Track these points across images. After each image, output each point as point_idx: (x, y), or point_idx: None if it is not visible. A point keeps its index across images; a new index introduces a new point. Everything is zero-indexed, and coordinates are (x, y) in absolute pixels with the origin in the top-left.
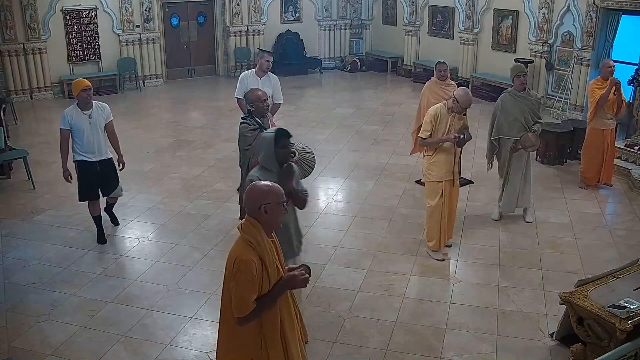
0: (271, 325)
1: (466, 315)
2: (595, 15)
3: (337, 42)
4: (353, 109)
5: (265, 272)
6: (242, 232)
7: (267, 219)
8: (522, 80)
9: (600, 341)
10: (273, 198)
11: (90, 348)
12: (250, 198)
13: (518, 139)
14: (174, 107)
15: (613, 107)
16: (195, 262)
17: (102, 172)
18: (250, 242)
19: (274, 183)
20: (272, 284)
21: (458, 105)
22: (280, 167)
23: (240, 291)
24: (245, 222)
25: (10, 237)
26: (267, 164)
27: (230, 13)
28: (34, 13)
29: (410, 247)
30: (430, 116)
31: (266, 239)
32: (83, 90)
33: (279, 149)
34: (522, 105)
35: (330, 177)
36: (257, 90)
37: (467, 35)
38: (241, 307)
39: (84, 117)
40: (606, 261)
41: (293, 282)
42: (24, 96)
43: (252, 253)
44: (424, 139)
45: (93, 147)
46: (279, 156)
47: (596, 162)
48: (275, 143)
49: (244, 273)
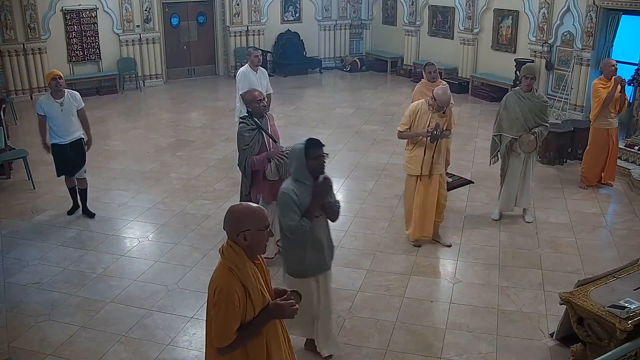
0: (257, 354)
1: (466, 315)
2: (595, 15)
3: (337, 42)
4: (353, 109)
5: (249, 299)
6: (223, 257)
7: (248, 245)
8: (528, 82)
9: (600, 341)
10: (253, 224)
11: (90, 348)
12: (228, 222)
13: (517, 138)
14: (174, 107)
15: (616, 105)
16: (195, 262)
17: (71, 152)
18: (231, 269)
19: (257, 206)
20: (257, 311)
21: (435, 103)
22: (314, 180)
23: (221, 321)
24: (226, 246)
25: (10, 237)
26: (300, 176)
27: (230, 13)
28: (34, 13)
29: (410, 247)
30: (410, 110)
31: (249, 264)
32: (52, 79)
33: (311, 161)
34: (525, 106)
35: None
36: (253, 90)
37: (467, 35)
38: (222, 337)
39: (56, 105)
40: (606, 261)
41: (281, 312)
42: (24, 96)
43: (234, 280)
44: (401, 132)
45: (64, 131)
46: (311, 168)
47: (599, 162)
48: (306, 155)
49: (225, 302)
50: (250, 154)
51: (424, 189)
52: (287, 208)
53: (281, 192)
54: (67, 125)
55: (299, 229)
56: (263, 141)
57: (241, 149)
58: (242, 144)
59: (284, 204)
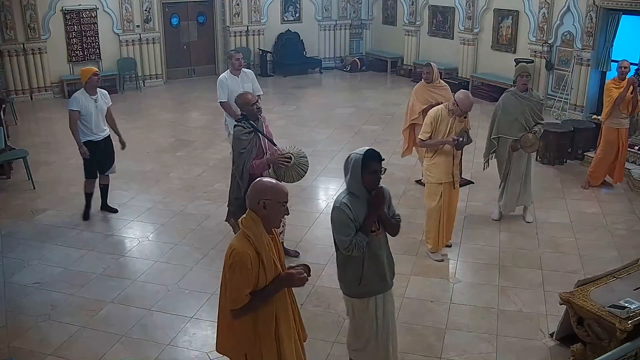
0: (266, 322)
1: (466, 315)
2: (595, 15)
3: (337, 42)
4: (353, 109)
5: (262, 267)
6: (242, 226)
7: (266, 215)
8: (524, 81)
9: (600, 341)
10: (274, 195)
11: (90, 348)
12: (252, 192)
13: (518, 139)
14: (174, 107)
15: (628, 106)
16: (195, 262)
17: (104, 149)
18: (248, 236)
19: (280, 182)
20: (269, 280)
21: (458, 108)
22: (368, 193)
23: (234, 283)
24: (245, 216)
25: (10, 237)
26: (355, 189)
27: (230, 13)
28: (34, 13)
29: (410, 247)
30: (431, 118)
31: (265, 234)
32: (94, 74)
33: (368, 175)
34: (523, 105)
35: (331, 177)
36: (246, 94)
37: (467, 35)
38: (235, 299)
39: (91, 100)
40: (606, 261)
41: (290, 280)
42: (24, 96)
43: (249, 246)
44: (423, 141)
45: (98, 128)
46: (366, 182)
47: (608, 161)
48: (363, 167)
49: (238, 265)
50: (249, 157)
51: (449, 196)
52: (342, 224)
53: (334, 207)
54: (100, 122)
55: (355, 246)
56: (260, 143)
57: (238, 152)
58: (240, 148)
59: (338, 220)
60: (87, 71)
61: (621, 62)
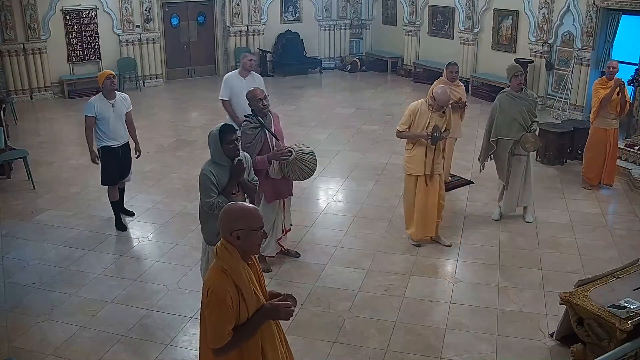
0: (252, 354)
1: (466, 315)
2: (595, 15)
3: (337, 42)
4: (353, 109)
5: (242, 301)
6: (216, 258)
7: (241, 244)
8: (519, 80)
9: (600, 341)
10: (245, 223)
11: (90, 348)
12: (222, 222)
13: (517, 140)
14: (174, 107)
15: (617, 107)
16: (195, 262)
17: (122, 156)
18: (224, 269)
19: (252, 206)
20: (251, 313)
21: (435, 103)
22: (231, 162)
23: (214, 322)
24: (219, 246)
25: (10, 237)
26: (218, 159)
27: (230, 13)
28: (34, 13)
29: (410, 247)
30: (410, 110)
31: (242, 265)
32: (107, 78)
33: (226, 145)
34: (520, 105)
35: (330, 177)
36: (255, 89)
37: (467, 35)
38: (216, 338)
39: (108, 105)
40: (606, 261)
41: (276, 313)
42: (24, 96)
43: (227, 281)
44: (400, 132)
45: (117, 133)
46: (226, 152)
47: (598, 162)
48: (221, 140)
49: (217, 304)
50: (253, 152)
51: (425, 188)
52: (206, 187)
53: (201, 173)
54: (119, 127)
55: (215, 205)
56: (266, 139)
57: (244, 146)
58: (245, 142)
59: (203, 184)
60: (102, 75)
61: (610, 62)
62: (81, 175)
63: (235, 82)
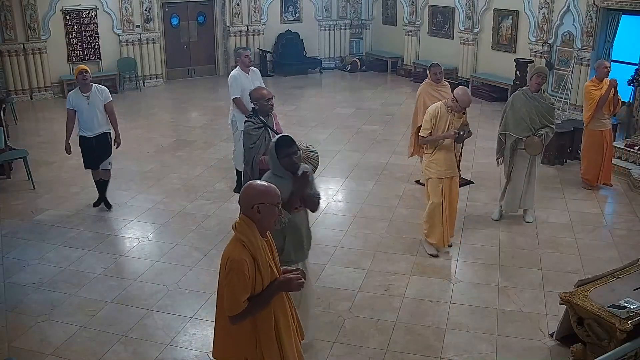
0: (265, 324)
1: (466, 315)
2: (595, 15)
3: (337, 42)
4: (353, 109)
5: (258, 272)
6: (236, 231)
7: (261, 219)
8: (538, 81)
9: (600, 341)
10: (267, 199)
11: (90, 348)
12: (245, 197)
13: (522, 139)
14: (174, 107)
15: (610, 106)
16: (195, 262)
17: (96, 146)
18: (243, 242)
19: (271, 184)
20: (266, 284)
21: (457, 105)
22: (292, 175)
23: (231, 290)
24: (239, 221)
25: (10, 237)
26: (278, 171)
27: (230, 13)
28: (34, 13)
29: (410, 247)
30: (430, 115)
31: (260, 239)
32: (80, 73)
33: (283, 159)
34: (531, 105)
35: (330, 177)
36: (262, 88)
37: (467, 35)
38: (233, 306)
39: (83, 98)
40: (606, 261)
41: (288, 284)
42: (24, 96)
43: (245, 252)
44: (423, 137)
45: (90, 124)
46: (285, 165)
47: (596, 163)
48: (278, 154)
49: (236, 272)
50: (257, 152)
51: (447, 191)
52: None
53: None
54: (93, 119)
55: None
56: (269, 139)
57: (247, 147)
58: (249, 143)
59: None
60: (76, 70)
61: (601, 62)
62: (81, 175)
63: (243, 79)
